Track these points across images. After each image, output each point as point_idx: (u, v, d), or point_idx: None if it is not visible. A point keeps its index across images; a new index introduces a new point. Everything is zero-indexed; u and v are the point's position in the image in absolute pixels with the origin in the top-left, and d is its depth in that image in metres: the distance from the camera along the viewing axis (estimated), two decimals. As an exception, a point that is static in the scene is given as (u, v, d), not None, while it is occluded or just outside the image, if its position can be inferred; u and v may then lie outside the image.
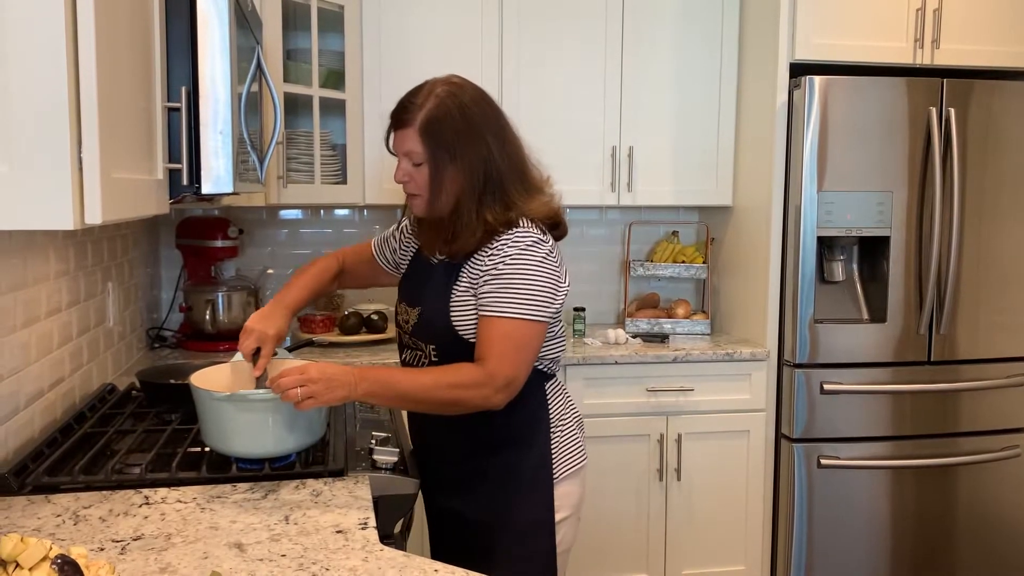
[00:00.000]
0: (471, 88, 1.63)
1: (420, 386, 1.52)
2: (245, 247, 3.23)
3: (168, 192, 1.42)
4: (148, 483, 1.50)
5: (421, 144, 1.58)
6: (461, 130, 1.58)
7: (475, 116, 1.59)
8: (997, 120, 2.89)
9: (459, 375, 1.53)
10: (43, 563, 0.94)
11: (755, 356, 2.94)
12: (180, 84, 1.40)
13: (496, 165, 1.60)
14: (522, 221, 1.61)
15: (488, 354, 1.55)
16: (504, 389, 1.55)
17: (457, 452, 1.71)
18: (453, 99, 1.59)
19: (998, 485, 3.01)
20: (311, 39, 2.81)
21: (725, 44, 3.17)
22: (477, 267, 1.61)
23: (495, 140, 1.61)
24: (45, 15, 0.99)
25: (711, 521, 3.00)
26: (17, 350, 1.69)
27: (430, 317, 1.66)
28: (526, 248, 1.58)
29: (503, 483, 1.68)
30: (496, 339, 1.55)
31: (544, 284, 1.58)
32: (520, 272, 1.57)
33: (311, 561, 1.21)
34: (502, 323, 1.55)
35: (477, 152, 1.59)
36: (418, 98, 1.60)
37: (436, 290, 1.67)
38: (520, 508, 1.67)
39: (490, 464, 1.68)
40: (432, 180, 1.60)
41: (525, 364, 1.58)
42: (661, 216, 3.54)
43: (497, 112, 1.65)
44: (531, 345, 1.58)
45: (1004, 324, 2.97)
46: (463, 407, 1.55)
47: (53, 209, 1.02)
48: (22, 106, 1.00)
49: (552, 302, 1.60)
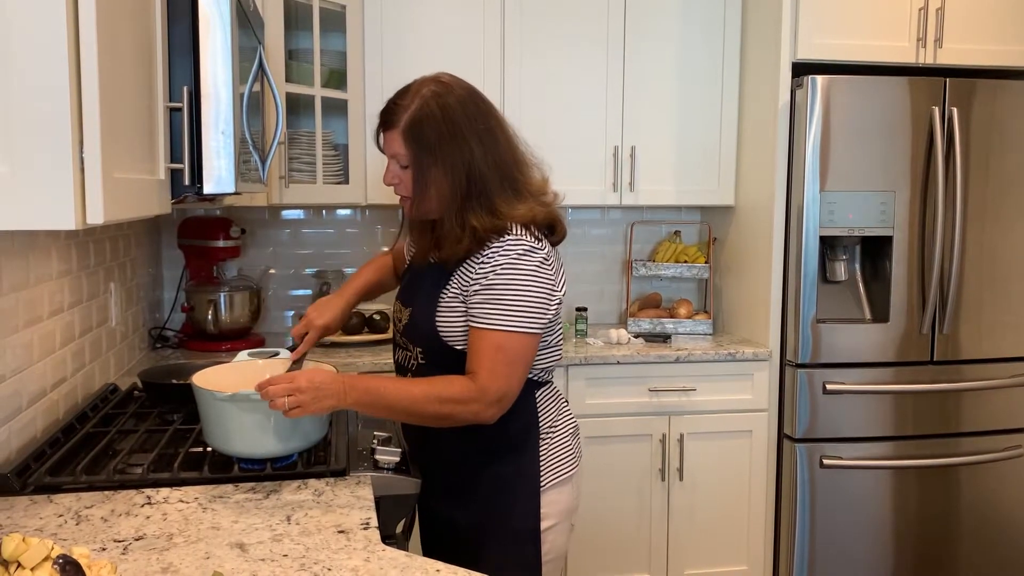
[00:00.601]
0: (458, 88, 1.58)
1: (410, 398, 1.50)
2: (247, 247, 3.23)
3: (170, 192, 1.42)
4: (150, 483, 1.50)
5: (405, 146, 1.56)
6: (443, 132, 1.53)
7: (459, 118, 1.54)
8: (1000, 119, 2.89)
9: (450, 389, 1.51)
10: (45, 563, 0.94)
11: (757, 356, 2.94)
12: (182, 84, 1.40)
13: (479, 169, 1.55)
14: (514, 228, 1.56)
15: (479, 368, 1.52)
16: (495, 404, 1.52)
17: (448, 459, 1.69)
18: (437, 100, 1.54)
19: (1001, 485, 3.00)
20: (313, 39, 2.81)
21: (727, 43, 3.17)
22: (467, 275, 1.57)
23: (479, 143, 1.56)
24: (47, 15, 0.99)
25: (713, 521, 2.99)
26: (20, 350, 1.69)
27: (418, 319, 1.64)
28: (517, 258, 1.54)
29: (492, 491, 1.65)
30: (487, 352, 1.52)
31: (536, 295, 1.54)
32: (511, 283, 1.53)
33: (313, 561, 1.21)
34: (493, 336, 1.52)
35: (460, 155, 1.54)
36: (404, 99, 1.57)
37: (426, 293, 1.64)
38: (507, 516, 1.65)
39: (480, 471, 1.66)
40: (416, 183, 1.57)
41: (517, 378, 1.55)
42: (663, 216, 3.54)
43: (486, 113, 1.59)
44: (523, 358, 1.55)
45: (1007, 324, 2.96)
46: (453, 421, 1.53)
47: (55, 209, 1.02)
48: (24, 106, 1.00)
49: (545, 313, 1.56)
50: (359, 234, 3.34)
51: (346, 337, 2.97)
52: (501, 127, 1.61)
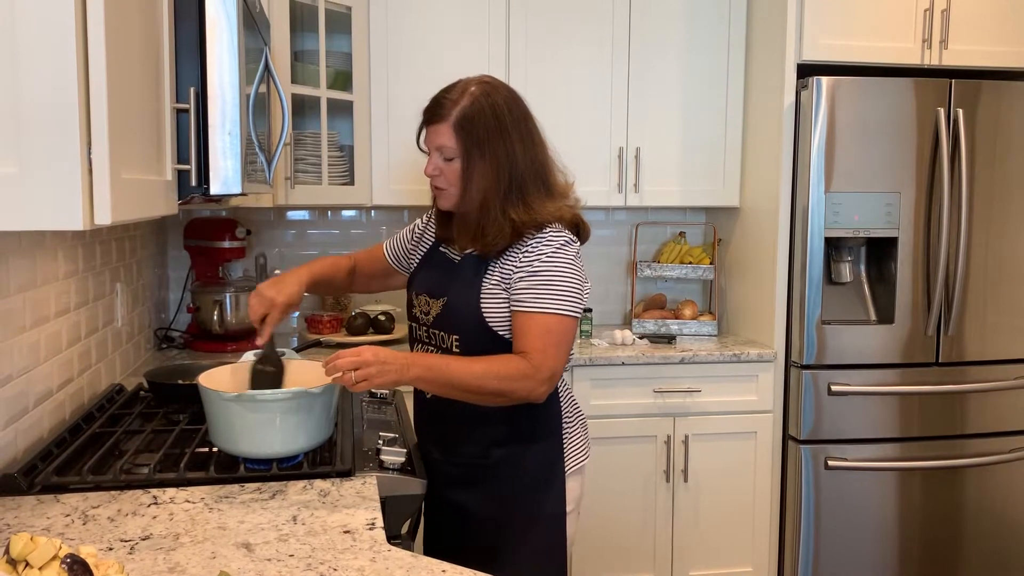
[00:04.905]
0: (504, 89, 1.68)
1: (471, 374, 1.54)
2: (252, 248, 3.23)
3: (177, 193, 1.43)
4: (156, 483, 1.50)
5: (454, 139, 1.63)
6: (492, 128, 1.62)
7: (505, 117, 1.64)
8: (1005, 121, 2.88)
9: (508, 367, 1.57)
10: (53, 562, 0.94)
11: (762, 357, 2.94)
12: (189, 85, 1.40)
13: (519, 167, 1.65)
14: (553, 223, 1.66)
15: (531, 348, 1.59)
16: (547, 381, 1.59)
17: (473, 446, 1.72)
18: (487, 98, 1.63)
19: (1006, 487, 2.99)
20: (319, 40, 2.82)
21: (732, 44, 3.17)
22: (510, 263, 1.65)
23: (521, 142, 1.66)
24: (55, 16, 1.00)
25: (718, 522, 2.99)
26: (26, 350, 1.69)
27: (457, 307, 1.69)
28: (560, 247, 1.63)
29: (518, 478, 1.70)
30: (537, 333, 1.59)
31: (577, 282, 1.64)
32: (557, 270, 1.62)
33: (319, 561, 1.21)
34: (542, 318, 1.60)
35: (505, 152, 1.64)
36: (452, 94, 1.65)
37: (465, 282, 1.69)
38: (535, 502, 1.70)
39: (504, 459, 1.70)
40: (463, 175, 1.65)
41: (563, 358, 1.63)
42: (668, 217, 3.54)
43: (526, 115, 1.70)
44: (568, 340, 1.63)
45: (1013, 326, 2.96)
46: (508, 398, 1.59)
47: (63, 210, 1.02)
48: (32, 107, 1.00)
49: (582, 299, 1.65)
50: (364, 235, 3.34)
51: (351, 338, 2.98)
52: (537, 130, 1.72)
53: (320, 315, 3.07)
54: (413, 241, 1.93)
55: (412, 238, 1.94)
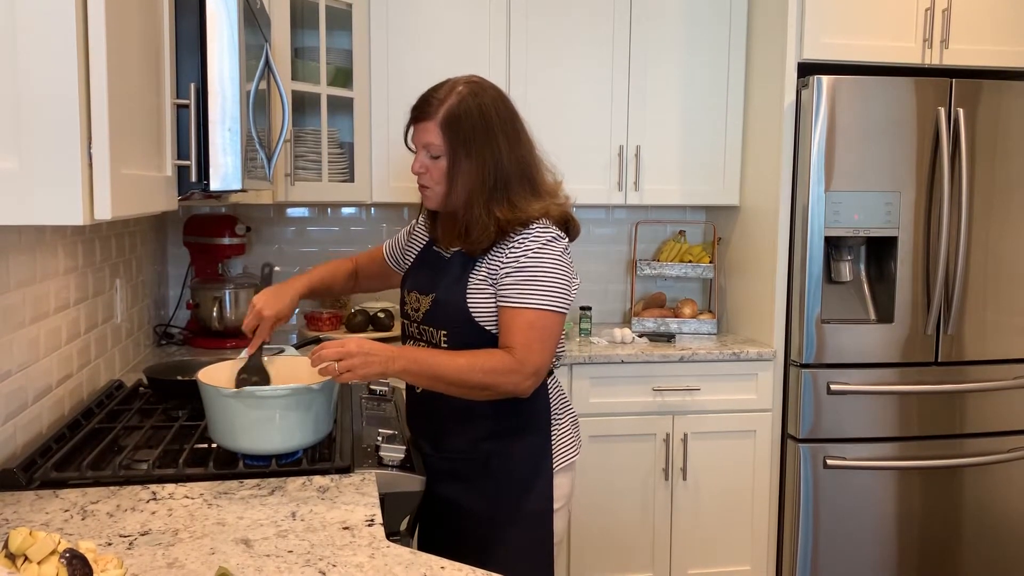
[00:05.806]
0: (491, 89, 1.70)
1: (455, 368, 1.55)
2: (252, 245, 3.23)
3: (177, 189, 1.43)
4: (155, 479, 1.50)
5: (441, 137, 1.64)
6: (479, 127, 1.64)
7: (492, 116, 1.65)
8: (1006, 120, 2.88)
9: (492, 361, 1.57)
10: (52, 557, 0.94)
11: (762, 356, 2.94)
12: (189, 81, 1.40)
13: (504, 166, 1.65)
14: (540, 219, 1.66)
15: (515, 343, 1.60)
16: (532, 376, 1.60)
17: (462, 440, 1.73)
18: (474, 97, 1.65)
19: (1005, 487, 3.00)
20: (319, 37, 2.82)
21: (733, 43, 3.17)
22: (497, 260, 1.65)
23: (506, 142, 1.66)
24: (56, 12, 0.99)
25: (717, 521, 2.99)
26: (26, 346, 1.69)
27: (445, 303, 1.70)
28: (547, 243, 1.64)
29: (506, 473, 1.71)
30: (522, 329, 1.60)
31: (563, 277, 1.64)
32: (542, 265, 1.63)
33: (318, 557, 1.21)
34: (527, 314, 1.61)
35: (490, 151, 1.65)
36: (440, 92, 1.66)
37: (452, 278, 1.71)
38: (522, 498, 1.71)
39: (493, 454, 1.71)
40: (448, 173, 1.66)
41: (548, 353, 1.63)
42: (668, 215, 3.54)
43: (513, 115, 1.71)
44: (553, 335, 1.63)
45: (1012, 325, 2.96)
46: (493, 392, 1.59)
47: (63, 205, 1.02)
48: (33, 102, 1.00)
49: (569, 295, 1.66)
50: (364, 232, 3.34)
51: (351, 335, 2.98)
52: (524, 130, 1.73)
53: (320, 312, 3.07)
54: (409, 241, 1.96)
55: (408, 238, 1.97)
